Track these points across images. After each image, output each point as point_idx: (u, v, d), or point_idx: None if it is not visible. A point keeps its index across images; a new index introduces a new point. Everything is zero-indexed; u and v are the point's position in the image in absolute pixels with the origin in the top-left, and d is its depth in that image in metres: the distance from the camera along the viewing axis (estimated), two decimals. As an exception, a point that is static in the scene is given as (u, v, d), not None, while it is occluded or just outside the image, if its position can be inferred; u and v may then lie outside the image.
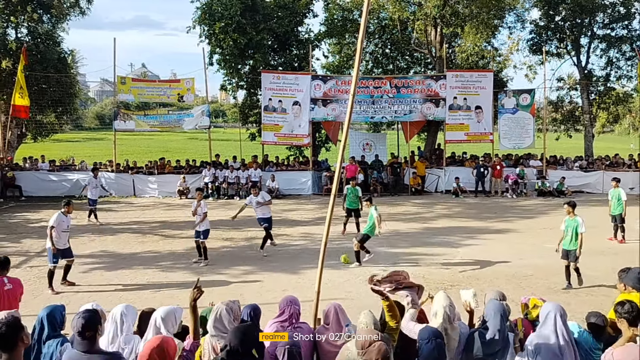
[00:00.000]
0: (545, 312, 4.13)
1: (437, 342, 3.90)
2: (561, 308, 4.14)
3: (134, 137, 48.55)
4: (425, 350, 3.88)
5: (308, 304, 5.55)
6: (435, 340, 3.90)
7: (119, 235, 14.24)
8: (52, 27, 24.21)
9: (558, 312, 4.07)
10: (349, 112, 5.12)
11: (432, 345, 3.87)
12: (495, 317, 4.19)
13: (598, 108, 27.61)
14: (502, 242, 13.34)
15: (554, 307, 4.15)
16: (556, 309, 4.10)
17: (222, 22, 22.63)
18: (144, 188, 21.77)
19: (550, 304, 4.24)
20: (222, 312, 4.17)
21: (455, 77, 22.64)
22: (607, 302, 7.19)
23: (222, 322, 4.12)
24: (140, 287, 9.62)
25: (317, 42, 26.45)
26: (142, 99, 24.59)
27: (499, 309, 4.24)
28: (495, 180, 22.30)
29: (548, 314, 4.10)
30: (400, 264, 11.16)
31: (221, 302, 4.33)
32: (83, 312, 3.76)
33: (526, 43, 27.57)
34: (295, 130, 22.49)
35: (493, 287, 9.00)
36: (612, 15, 26.16)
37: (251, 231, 14.73)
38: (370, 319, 4.16)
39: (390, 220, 16.50)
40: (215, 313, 4.19)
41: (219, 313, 4.17)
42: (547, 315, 4.10)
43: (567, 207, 9.82)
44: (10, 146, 23.37)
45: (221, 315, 4.15)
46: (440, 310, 4.31)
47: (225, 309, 4.19)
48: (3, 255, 6.53)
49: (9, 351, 3.26)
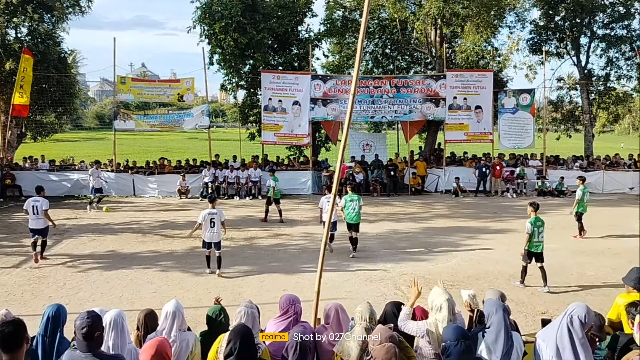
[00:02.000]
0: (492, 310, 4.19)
1: (467, 343, 3.79)
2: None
3: (133, 137, 48.54)
4: (454, 352, 3.75)
5: (308, 303, 5.55)
6: (465, 342, 3.78)
7: (119, 235, 14.23)
8: (52, 27, 24.18)
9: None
10: (349, 112, 5.12)
11: (462, 348, 3.74)
12: (497, 315, 4.15)
13: (598, 108, 27.63)
14: (502, 242, 13.34)
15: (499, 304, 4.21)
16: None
17: (222, 22, 22.61)
18: (144, 188, 21.76)
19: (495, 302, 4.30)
20: (248, 314, 4.34)
21: (455, 77, 22.64)
22: (607, 302, 7.18)
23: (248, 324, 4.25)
24: (140, 286, 9.61)
25: (317, 42, 26.44)
26: (142, 99, 24.57)
27: (500, 307, 4.22)
28: (495, 180, 22.31)
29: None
30: (400, 264, 11.18)
31: (244, 305, 4.45)
32: (88, 314, 3.72)
33: (526, 43, 27.64)
34: (295, 130, 22.48)
35: (493, 287, 9.02)
36: (612, 15, 26.16)
37: (251, 231, 14.74)
38: (366, 308, 4.23)
39: (390, 220, 16.53)
40: (240, 315, 4.33)
41: (245, 315, 4.33)
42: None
43: (529, 207, 9.92)
44: (10, 146, 23.35)
45: (248, 318, 4.30)
46: (444, 303, 4.31)
47: (250, 312, 4.37)
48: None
49: (13, 351, 3.25)
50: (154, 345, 3.73)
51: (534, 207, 9.79)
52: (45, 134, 26.47)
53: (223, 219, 10.60)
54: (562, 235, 14.00)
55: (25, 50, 20.91)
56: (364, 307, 4.30)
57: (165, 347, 3.75)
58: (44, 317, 4.30)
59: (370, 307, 4.34)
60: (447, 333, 3.91)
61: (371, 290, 9.39)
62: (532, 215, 9.74)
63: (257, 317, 4.44)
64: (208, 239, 10.51)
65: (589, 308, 3.96)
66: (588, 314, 3.87)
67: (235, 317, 4.41)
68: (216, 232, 10.45)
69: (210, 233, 10.46)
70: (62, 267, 10.95)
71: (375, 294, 9.06)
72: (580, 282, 9.91)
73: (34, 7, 22.26)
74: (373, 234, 14.49)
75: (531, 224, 9.59)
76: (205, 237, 10.54)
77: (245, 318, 4.30)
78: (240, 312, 4.37)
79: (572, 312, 3.90)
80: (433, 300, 4.42)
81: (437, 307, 4.32)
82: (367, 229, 15.17)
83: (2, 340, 3.23)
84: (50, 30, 24.02)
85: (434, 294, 4.46)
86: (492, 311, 4.20)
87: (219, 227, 10.48)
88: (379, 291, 9.30)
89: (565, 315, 3.92)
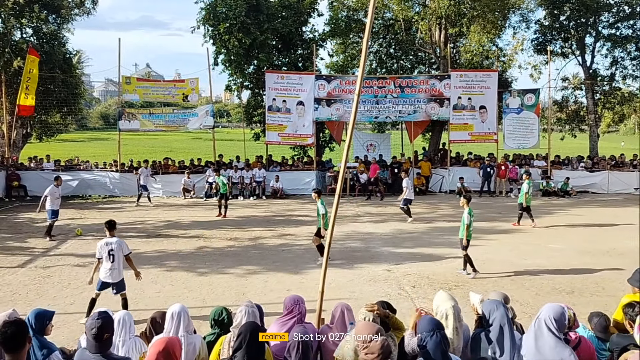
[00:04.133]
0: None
1: (442, 333, 3.69)
2: None
3: (138, 137, 48.62)
4: (430, 344, 3.62)
5: (312, 304, 5.54)
6: (440, 332, 3.67)
7: (124, 235, 14.22)
8: (57, 28, 24.29)
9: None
10: (353, 112, 5.10)
11: (438, 338, 3.63)
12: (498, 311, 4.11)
13: (603, 108, 27.50)
14: (506, 243, 13.30)
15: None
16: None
17: (227, 23, 22.65)
18: (149, 188, 21.78)
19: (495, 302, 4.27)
20: (249, 313, 4.32)
21: (460, 77, 22.61)
22: (612, 302, 7.15)
23: None
24: (145, 286, 9.62)
25: (322, 42, 26.43)
26: (147, 99, 24.66)
27: (499, 304, 4.18)
28: (499, 180, 22.25)
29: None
30: (404, 264, 11.16)
31: (245, 304, 4.45)
32: (99, 315, 3.71)
33: (531, 43, 27.55)
34: (299, 130, 22.50)
35: (497, 287, 9.01)
36: (617, 15, 26.04)
37: (255, 231, 14.75)
38: (370, 313, 4.19)
39: (394, 220, 16.50)
40: (241, 314, 4.32)
41: (245, 314, 4.31)
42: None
43: (462, 199, 10.77)
44: (16, 146, 23.46)
45: (249, 316, 4.29)
46: (450, 310, 4.21)
47: (251, 311, 4.35)
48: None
49: (15, 352, 3.26)
50: (163, 342, 3.68)
51: (467, 199, 10.68)
52: (50, 134, 26.60)
53: (127, 252, 8.05)
54: (568, 236, 13.95)
55: (32, 50, 21.01)
56: (368, 313, 4.25)
57: (174, 345, 3.70)
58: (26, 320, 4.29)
59: None
60: (422, 324, 3.78)
61: (375, 290, 9.37)
62: (465, 207, 10.53)
63: (257, 316, 4.44)
64: (104, 277, 7.86)
65: (561, 307, 3.93)
66: (563, 312, 3.85)
67: (235, 316, 4.41)
68: (117, 269, 7.89)
69: (108, 271, 7.84)
70: (67, 267, 10.98)
71: (379, 294, 9.03)
72: (585, 282, 9.86)
73: (39, 8, 22.35)
74: (377, 234, 14.48)
75: (470, 214, 10.41)
76: (101, 274, 7.90)
77: (246, 317, 4.29)
78: (241, 311, 4.37)
79: (543, 315, 3.88)
80: (438, 305, 4.27)
81: (443, 314, 4.19)
82: (372, 229, 15.18)
83: (5, 341, 3.24)
84: (56, 30, 24.12)
85: (439, 299, 4.32)
86: (492, 308, 4.14)
87: (120, 263, 7.95)
88: (383, 291, 9.28)
89: (537, 319, 3.92)
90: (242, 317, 4.30)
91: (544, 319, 3.85)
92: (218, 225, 15.70)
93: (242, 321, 4.25)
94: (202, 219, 16.63)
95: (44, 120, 25.32)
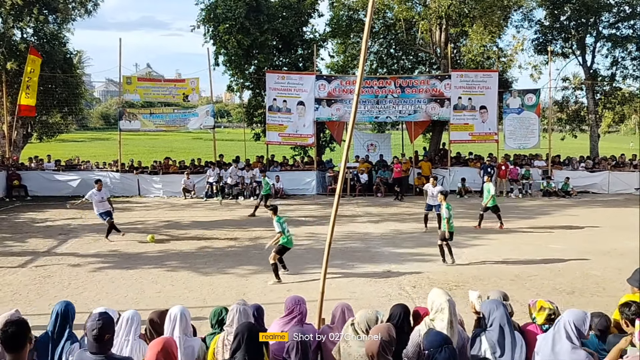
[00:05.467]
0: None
1: (450, 348, 3.68)
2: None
3: (138, 137, 48.64)
4: (439, 359, 3.60)
5: (312, 304, 5.54)
6: (448, 347, 3.65)
7: (124, 235, 14.26)
8: (58, 28, 24.30)
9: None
10: (353, 112, 5.11)
11: (447, 354, 3.61)
12: (497, 311, 4.11)
13: (603, 108, 27.49)
14: (506, 243, 13.30)
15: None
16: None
17: (227, 24, 22.65)
18: (149, 188, 21.84)
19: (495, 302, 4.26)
20: (241, 311, 4.28)
21: (460, 77, 22.60)
22: (613, 303, 7.15)
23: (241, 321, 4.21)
24: (145, 286, 9.64)
25: (322, 42, 26.43)
26: (148, 99, 24.69)
27: (499, 304, 4.18)
28: (500, 180, 22.23)
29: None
30: (404, 264, 11.16)
31: (237, 303, 4.42)
32: (100, 316, 3.69)
33: (531, 43, 27.51)
34: (300, 130, 22.50)
35: (497, 287, 8.99)
36: (617, 15, 26.02)
37: (256, 231, 14.75)
38: (363, 317, 4.19)
39: (395, 221, 16.50)
40: (233, 313, 4.28)
41: (237, 312, 4.28)
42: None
43: (440, 195, 11.89)
44: (16, 146, 23.47)
45: (240, 315, 4.25)
46: (445, 303, 4.23)
47: (243, 309, 4.31)
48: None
49: (17, 352, 3.26)
50: (161, 342, 3.74)
51: (444, 195, 11.79)
52: (51, 134, 26.63)
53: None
54: (568, 236, 13.95)
55: (33, 50, 21.02)
56: (363, 317, 4.21)
57: (171, 345, 3.75)
58: (52, 314, 4.33)
59: (374, 313, 4.28)
60: (429, 340, 3.74)
61: (375, 290, 9.37)
62: (443, 202, 11.41)
63: (250, 315, 4.37)
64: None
65: (584, 313, 3.94)
66: (585, 319, 3.86)
67: (227, 316, 4.37)
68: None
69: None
70: (67, 267, 10.99)
71: (380, 295, 9.06)
72: (586, 282, 9.86)
73: (39, 8, 22.36)
74: (377, 234, 14.48)
75: (448, 209, 11.19)
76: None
77: (238, 316, 4.24)
78: (232, 309, 4.32)
79: (564, 319, 3.88)
80: (433, 301, 4.31)
81: (438, 307, 4.23)
82: (372, 229, 15.18)
83: (6, 341, 3.24)
84: (56, 31, 24.13)
85: (434, 295, 4.36)
86: (492, 308, 4.14)
87: None
88: (383, 291, 9.28)
89: (557, 323, 3.91)
90: (234, 316, 4.25)
91: (563, 323, 3.87)
92: (218, 225, 15.70)
93: (234, 320, 4.21)
94: (203, 219, 16.64)
95: (45, 121, 25.33)
